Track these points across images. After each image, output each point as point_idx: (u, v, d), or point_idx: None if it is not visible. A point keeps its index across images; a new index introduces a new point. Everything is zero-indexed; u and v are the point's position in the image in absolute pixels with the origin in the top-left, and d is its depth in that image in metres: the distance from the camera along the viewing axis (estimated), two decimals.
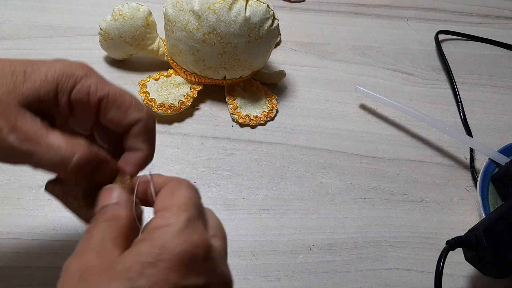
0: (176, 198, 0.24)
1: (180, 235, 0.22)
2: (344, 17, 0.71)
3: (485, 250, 0.37)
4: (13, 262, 0.39)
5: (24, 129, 0.24)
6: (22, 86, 0.25)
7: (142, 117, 0.29)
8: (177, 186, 0.26)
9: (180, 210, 0.24)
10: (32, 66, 0.26)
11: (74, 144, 0.26)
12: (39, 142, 0.25)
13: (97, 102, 0.27)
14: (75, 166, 0.25)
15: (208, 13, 0.47)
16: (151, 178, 0.27)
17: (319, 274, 0.42)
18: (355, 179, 0.50)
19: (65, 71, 0.27)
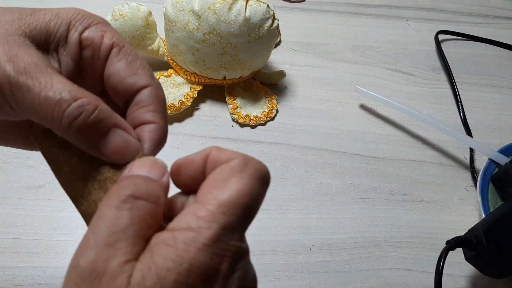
0: (224, 191, 0.19)
1: (207, 250, 0.18)
2: (344, 17, 0.71)
3: (485, 250, 0.37)
4: (13, 262, 0.39)
5: (24, 60, 0.20)
6: (29, 18, 0.22)
7: (152, 84, 0.23)
8: (237, 171, 0.20)
9: (219, 212, 0.19)
10: (43, 8, 0.23)
11: (81, 91, 0.21)
12: (39, 77, 0.20)
13: (109, 47, 0.23)
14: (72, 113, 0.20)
15: (208, 13, 0.47)
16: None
17: (319, 274, 0.42)
18: (355, 179, 0.50)
19: (81, 13, 0.23)
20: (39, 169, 0.46)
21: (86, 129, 0.21)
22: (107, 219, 0.18)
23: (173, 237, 0.18)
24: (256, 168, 0.20)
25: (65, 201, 0.45)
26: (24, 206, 0.43)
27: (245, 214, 0.19)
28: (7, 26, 0.21)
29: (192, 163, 0.21)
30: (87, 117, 0.20)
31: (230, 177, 0.19)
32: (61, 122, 0.20)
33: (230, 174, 0.20)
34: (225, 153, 0.21)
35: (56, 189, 0.44)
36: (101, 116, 0.21)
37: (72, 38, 0.23)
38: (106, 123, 0.21)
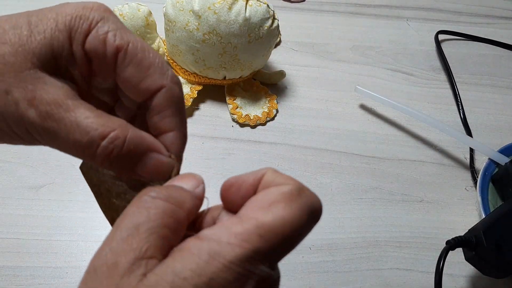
0: (267, 214, 0.18)
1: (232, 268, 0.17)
2: (344, 17, 0.71)
3: (485, 250, 0.37)
4: (13, 262, 0.39)
5: (45, 100, 0.19)
6: (30, 42, 0.20)
7: (166, 83, 0.22)
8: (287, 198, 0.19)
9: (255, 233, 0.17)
10: (37, 16, 0.21)
11: (107, 122, 0.20)
12: (63, 118, 0.19)
13: (114, 53, 0.21)
14: (105, 149, 0.20)
15: (208, 13, 0.47)
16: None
17: (319, 274, 0.42)
18: (355, 179, 0.50)
19: (78, 14, 0.21)
20: (39, 169, 0.46)
21: (120, 161, 0.21)
22: (126, 216, 0.18)
23: (198, 246, 0.17)
24: (308, 199, 0.19)
25: (65, 201, 0.45)
26: (24, 206, 0.43)
27: (282, 244, 0.18)
28: (12, 59, 0.20)
29: (245, 183, 0.20)
30: (119, 151, 0.20)
31: (277, 201, 0.18)
32: (95, 159, 0.20)
33: (278, 198, 0.18)
34: (280, 177, 0.20)
35: (56, 189, 0.45)
36: (131, 146, 0.20)
37: (77, 54, 0.21)
38: (138, 150, 0.21)
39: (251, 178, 0.20)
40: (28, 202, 0.43)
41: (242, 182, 0.20)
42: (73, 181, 0.45)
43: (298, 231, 0.18)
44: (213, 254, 0.17)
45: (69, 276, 0.39)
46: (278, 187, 0.19)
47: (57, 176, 0.45)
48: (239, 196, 0.20)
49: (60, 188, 0.45)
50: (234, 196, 0.21)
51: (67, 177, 0.46)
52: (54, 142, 0.20)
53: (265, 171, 0.20)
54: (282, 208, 0.18)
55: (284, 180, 0.19)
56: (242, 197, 0.20)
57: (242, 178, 0.21)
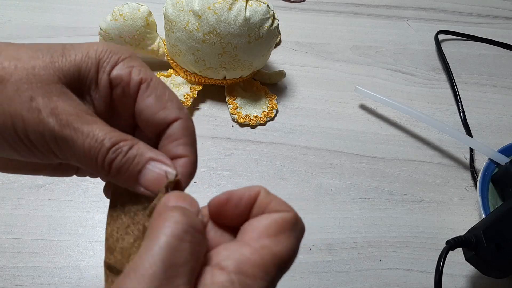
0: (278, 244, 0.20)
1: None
2: (344, 17, 0.71)
3: (485, 250, 0.37)
4: (13, 262, 0.39)
5: (66, 111, 0.21)
6: (61, 61, 0.22)
7: (182, 116, 0.24)
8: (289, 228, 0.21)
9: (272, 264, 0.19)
10: (71, 45, 0.23)
11: (120, 135, 0.22)
12: (81, 128, 0.21)
13: (138, 83, 0.23)
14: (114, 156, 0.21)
15: (208, 13, 0.47)
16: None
17: (319, 274, 0.42)
18: (355, 179, 0.50)
19: (108, 49, 0.23)
20: None
21: (123, 168, 0.22)
22: (165, 247, 0.18)
23: (230, 281, 0.18)
24: (302, 227, 0.21)
25: (65, 201, 0.45)
26: (24, 206, 0.43)
27: (286, 269, 0.20)
28: (42, 72, 0.21)
29: (240, 201, 0.22)
30: (123, 157, 0.21)
31: (283, 231, 0.20)
32: (103, 167, 0.21)
33: (283, 228, 0.20)
34: (275, 200, 0.21)
35: (56, 189, 0.45)
36: (135, 152, 0.22)
37: (102, 80, 0.23)
38: (142, 157, 0.22)
39: (246, 196, 0.22)
40: (28, 202, 0.43)
41: (238, 200, 0.22)
42: (73, 181, 0.45)
43: (295, 256, 0.21)
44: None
45: (69, 276, 0.39)
46: (280, 215, 0.21)
47: (57, 177, 0.45)
48: (236, 214, 0.22)
49: (60, 188, 0.45)
50: (230, 212, 0.22)
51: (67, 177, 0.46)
52: (69, 149, 0.21)
53: (258, 189, 0.22)
54: (288, 238, 0.20)
55: (281, 206, 0.21)
56: (238, 215, 0.22)
57: (237, 195, 0.22)
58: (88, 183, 0.45)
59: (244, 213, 0.22)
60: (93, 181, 0.22)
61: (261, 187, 0.22)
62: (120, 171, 0.22)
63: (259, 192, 0.22)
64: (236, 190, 0.22)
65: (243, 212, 0.22)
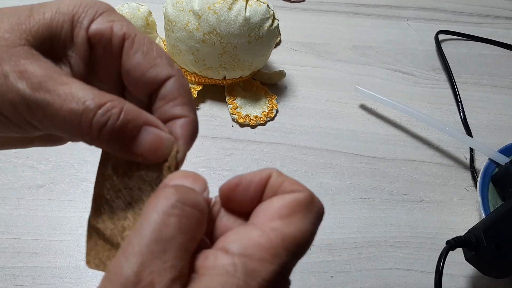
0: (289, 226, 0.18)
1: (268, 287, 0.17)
2: (344, 17, 0.71)
3: (485, 250, 0.37)
4: (13, 262, 0.39)
5: (36, 73, 0.19)
6: (28, 22, 0.20)
7: (174, 73, 0.21)
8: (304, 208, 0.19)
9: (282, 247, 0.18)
10: (40, 4, 0.21)
11: (104, 95, 0.19)
12: (57, 90, 0.19)
13: (121, 39, 0.21)
14: (103, 121, 0.19)
15: (208, 13, 0.47)
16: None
17: (319, 274, 0.42)
18: (355, 179, 0.50)
19: (83, 3, 0.21)
20: (39, 169, 0.46)
21: (117, 133, 0.19)
22: (153, 224, 0.17)
23: (233, 264, 0.17)
24: (319, 208, 0.20)
25: (65, 201, 0.45)
26: (24, 206, 0.43)
27: (301, 253, 0.19)
28: (7, 35, 0.19)
29: (252, 184, 0.20)
30: (115, 120, 0.19)
31: (296, 211, 0.19)
32: (91, 132, 0.19)
33: (296, 208, 0.19)
34: (288, 181, 0.20)
35: (56, 189, 0.44)
36: (128, 117, 0.20)
37: (79, 36, 0.21)
38: (136, 122, 0.20)
39: (256, 179, 0.20)
40: (28, 202, 0.43)
41: (249, 183, 0.20)
42: (73, 181, 0.45)
43: (312, 239, 0.19)
44: (250, 273, 0.17)
45: (69, 276, 0.39)
46: (293, 195, 0.19)
47: (57, 176, 0.45)
48: (248, 197, 0.20)
49: (60, 188, 0.45)
50: (241, 196, 0.20)
51: (67, 177, 0.46)
52: (47, 117, 0.19)
53: (270, 172, 0.20)
54: (301, 219, 0.18)
55: (294, 186, 0.19)
56: (250, 199, 0.20)
57: (247, 179, 0.20)
58: (88, 183, 0.45)
59: (255, 197, 0.20)
60: (93, 181, 0.22)
61: (273, 169, 0.20)
62: (112, 137, 0.19)
63: (271, 174, 0.20)
64: (247, 174, 0.20)
65: (255, 196, 0.20)
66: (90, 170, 0.46)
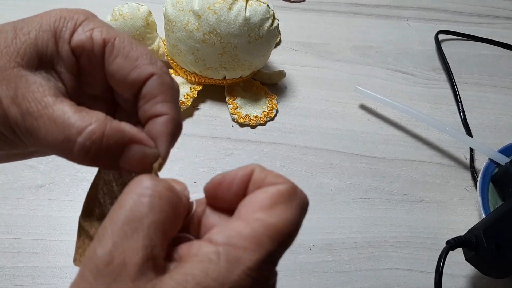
0: (271, 216, 0.18)
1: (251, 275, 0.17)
2: (344, 17, 0.71)
3: (485, 250, 0.37)
4: (13, 262, 0.39)
5: (26, 97, 0.19)
6: (15, 44, 0.21)
7: (156, 71, 0.22)
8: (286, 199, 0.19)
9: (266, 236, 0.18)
10: (23, 22, 0.22)
11: (85, 116, 0.20)
12: (43, 116, 0.19)
13: (101, 46, 0.22)
14: (83, 146, 0.19)
15: (208, 13, 0.47)
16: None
17: (319, 274, 0.42)
18: (355, 179, 0.50)
19: (62, 15, 0.22)
20: (39, 169, 0.46)
21: (101, 155, 0.20)
22: (126, 206, 0.17)
23: (216, 252, 0.17)
24: (302, 198, 0.20)
25: (65, 201, 0.45)
26: (24, 206, 0.43)
27: (286, 243, 0.19)
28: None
29: (235, 180, 0.20)
30: (98, 145, 0.20)
31: (278, 202, 0.19)
32: (76, 157, 0.20)
33: (278, 199, 0.19)
34: (270, 175, 0.20)
35: (55, 189, 0.45)
36: (110, 141, 0.20)
37: (63, 51, 0.22)
38: (119, 143, 0.20)
39: (239, 175, 0.20)
40: (28, 202, 0.43)
41: (231, 180, 0.20)
42: (72, 181, 0.45)
43: (297, 229, 0.19)
44: (233, 261, 0.17)
45: (69, 276, 0.39)
46: (275, 187, 0.19)
47: (57, 176, 0.45)
48: (231, 193, 0.20)
49: (60, 188, 0.45)
50: (225, 193, 0.21)
51: (67, 177, 0.46)
52: (37, 141, 0.20)
53: (252, 167, 0.20)
54: (284, 209, 0.19)
55: (277, 179, 0.20)
56: (233, 195, 0.20)
57: (230, 175, 0.20)
58: (88, 183, 0.45)
59: (239, 193, 0.20)
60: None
61: (256, 164, 0.21)
62: (97, 158, 0.20)
63: (253, 170, 0.20)
64: (230, 171, 0.21)
65: (238, 192, 0.20)
66: (90, 170, 0.46)
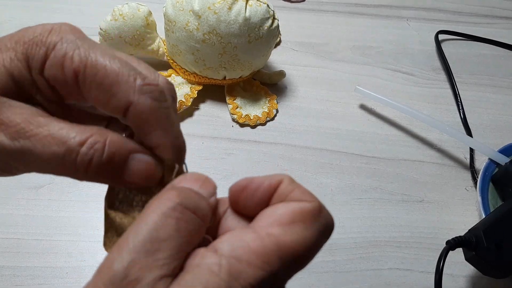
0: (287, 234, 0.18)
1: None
2: (344, 17, 0.71)
3: (485, 250, 0.37)
4: (13, 262, 0.39)
5: (13, 122, 0.18)
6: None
7: (132, 99, 0.19)
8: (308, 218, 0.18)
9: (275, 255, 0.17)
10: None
11: (84, 129, 0.19)
12: (35, 134, 0.18)
13: (74, 78, 0.20)
14: (86, 155, 0.19)
15: (208, 13, 0.47)
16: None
17: (319, 274, 0.42)
18: (355, 179, 0.50)
19: (34, 40, 0.20)
20: None
21: (104, 167, 0.19)
22: (150, 224, 0.17)
23: (218, 264, 0.16)
24: (327, 221, 0.19)
25: (65, 201, 0.45)
26: (24, 206, 0.43)
27: (297, 266, 0.18)
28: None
29: (259, 188, 0.19)
30: (101, 155, 0.19)
31: (298, 220, 0.18)
32: (77, 171, 0.19)
33: (298, 217, 0.18)
34: (299, 189, 0.19)
35: (56, 189, 0.45)
36: (113, 149, 0.19)
37: (38, 82, 0.20)
38: (121, 152, 0.19)
39: (265, 184, 0.19)
40: (28, 202, 0.43)
41: (256, 187, 0.19)
42: (73, 181, 0.45)
43: (313, 253, 0.18)
44: (235, 275, 0.16)
45: (69, 276, 0.39)
46: (299, 204, 0.18)
47: (57, 176, 0.45)
48: (253, 202, 0.20)
49: (60, 188, 0.45)
50: (246, 200, 0.20)
51: None
52: (31, 162, 0.19)
53: (281, 178, 0.19)
54: (303, 229, 0.18)
55: (304, 196, 0.19)
56: (256, 203, 0.20)
57: (256, 182, 0.20)
58: (88, 183, 0.45)
59: (262, 202, 0.19)
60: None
61: (285, 175, 0.19)
62: (100, 171, 0.19)
63: (282, 181, 0.19)
64: (258, 177, 0.20)
65: (261, 201, 0.19)
66: None
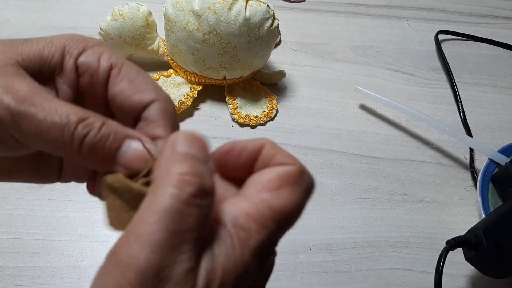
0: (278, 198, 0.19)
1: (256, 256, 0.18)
2: (344, 17, 0.71)
3: (485, 250, 0.37)
4: (13, 262, 0.39)
5: (22, 89, 0.20)
6: (21, 46, 0.21)
7: (159, 98, 0.22)
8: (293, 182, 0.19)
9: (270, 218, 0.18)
10: (35, 38, 0.22)
11: (87, 111, 0.20)
12: (41, 104, 0.19)
13: (107, 70, 0.22)
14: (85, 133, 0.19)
15: (208, 13, 0.47)
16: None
17: (319, 274, 0.42)
18: (355, 179, 0.50)
19: (74, 38, 0.22)
20: None
21: (98, 146, 0.20)
22: (171, 213, 0.16)
23: (230, 236, 0.18)
24: (309, 181, 0.20)
25: (65, 201, 0.45)
26: (24, 206, 0.43)
27: (288, 226, 0.19)
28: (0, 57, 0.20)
29: (244, 152, 0.20)
30: (96, 133, 0.20)
31: (285, 184, 0.19)
32: (72, 144, 0.19)
33: (285, 181, 0.19)
34: (281, 153, 0.20)
35: (56, 189, 0.44)
36: (110, 130, 0.20)
37: (67, 65, 0.22)
38: (117, 135, 0.20)
39: (249, 147, 0.20)
40: (28, 202, 0.43)
41: (240, 151, 0.20)
42: None
43: (301, 212, 0.20)
44: (242, 243, 0.17)
45: (69, 276, 0.39)
46: (283, 168, 0.20)
47: None
48: (239, 165, 0.21)
49: (60, 188, 0.45)
50: (232, 163, 0.21)
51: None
52: (30, 127, 0.19)
53: (263, 142, 0.20)
54: (291, 192, 0.19)
55: (287, 159, 0.20)
56: (241, 166, 0.21)
57: (239, 146, 0.20)
58: None
59: (246, 165, 0.20)
60: None
61: (267, 139, 0.21)
62: (94, 149, 0.20)
63: (264, 145, 0.20)
64: (240, 141, 0.21)
65: (246, 164, 0.20)
66: None
